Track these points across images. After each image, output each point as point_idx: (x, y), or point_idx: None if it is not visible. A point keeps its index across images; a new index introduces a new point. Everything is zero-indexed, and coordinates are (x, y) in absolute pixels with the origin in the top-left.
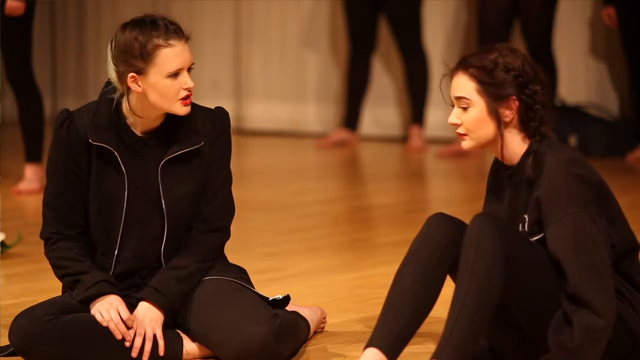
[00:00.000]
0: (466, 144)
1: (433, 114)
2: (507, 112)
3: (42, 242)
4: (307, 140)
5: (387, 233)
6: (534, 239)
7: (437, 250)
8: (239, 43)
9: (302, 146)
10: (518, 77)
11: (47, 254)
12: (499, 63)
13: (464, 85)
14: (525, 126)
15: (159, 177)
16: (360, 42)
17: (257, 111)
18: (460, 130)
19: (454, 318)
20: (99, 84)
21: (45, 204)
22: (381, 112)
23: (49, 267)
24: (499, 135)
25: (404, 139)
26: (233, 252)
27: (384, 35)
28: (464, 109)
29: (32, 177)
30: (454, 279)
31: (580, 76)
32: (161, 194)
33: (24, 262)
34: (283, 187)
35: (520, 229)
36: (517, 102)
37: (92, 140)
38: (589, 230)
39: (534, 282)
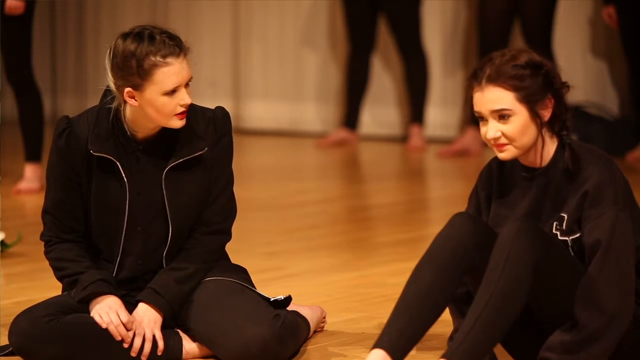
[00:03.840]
0: (508, 154)
1: (433, 114)
2: (545, 113)
3: (41, 242)
4: (306, 139)
5: (386, 232)
6: (572, 237)
7: (458, 251)
8: (237, 42)
9: (302, 146)
10: (546, 74)
11: (46, 254)
12: (527, 66)
13: (501, 97)
14: (554, 122)
15: (163, 184)
16: (359, 42)
17: (256, 110)
18: (502, 141)
19: (472, 322)
20: (98, 84)
21: (45, 211)
22: (381, 111)
23: (49, 266)
24: (540, 138)
25: (403, 139)
26: (233, 252)
27: (384, 35)
28: (503, 120)
29: (31, 176)
30: (470, 281)
31: (579, 75)
32: (165, 201)
33: (24, 261)
34: (282, 187)
35: (553, 228)
36: (552, 100)
37: (93, 151)
38: (625, 231)
39: (561, 293)
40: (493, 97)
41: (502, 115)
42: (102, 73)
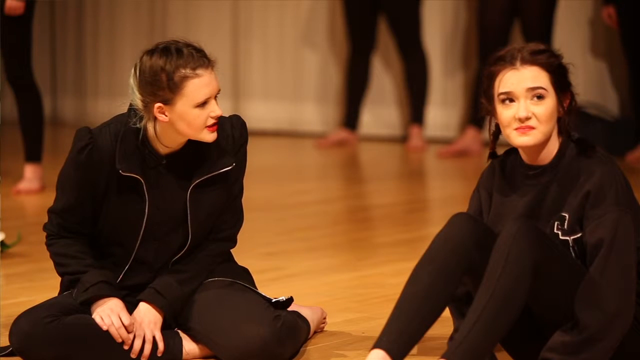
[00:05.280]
0: (532, 138)
1: (433, 114)
2: (561, 108)
3: (42, 242)
4: (306, 140)
5: (386, 233)
6: (573, 237)
7: (457, 251)
8: (237, 42)
9: (302, 146)
10: (568, 73)
11: (48, 246)
12: (558, 58)
13: (540, 75)
14: (563, 123)
15: (188, 200)
16: (359, 42)
17: (256, 111)
18: (531, 122)
19: (472, 321)
20: (97, 84)
21: (53, 211)
22: (381, 111)
23: (49, 266)
24: (554, 133)
25: (403, 139)
26: (233, 252)
27: (384, 35)
28: (536, 100)
29: (31, 176)
30: (470, 282)
31: (579, 76)
32: (189, 216)
33: (24, 262)
34: (282, 187)
35: (555, 228)
36: (569, 98)
37: (122, 171)
38: (627, 231)
39: (560, 293)
40: (532, 75)
41: (537, 95)
42: (101, 73)
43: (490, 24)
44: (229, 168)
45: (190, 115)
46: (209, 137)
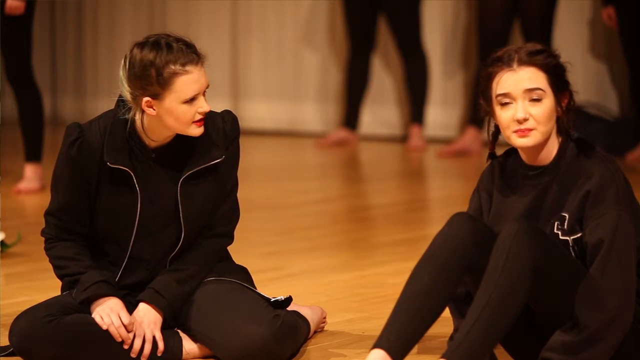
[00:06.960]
0: (531, 139)
1: (433, 114)
2: (559, 108)
3: (41, 242)
4: (306, 139)
5: (386, 232)
6: (573, 237)
7: (458, 251)
8: (236, 42)
9: (302, 146)
10: (565, 72)
11: (47, 251)
12: (555, 57)
13: (537, 76)
14: (562, 122)
15: (179, 193)
16: (359, 42)
17: (256, 110)
18: (529, 124)
19: (472, 321)
20: (97, 84)
21: (49, 213)
22: (381, 111)
23: (49, 266)
24: (553, 133)
25: (403, 139)
26: (233, 252)
27: (384, 35)
28: (533, 102)
29: (32, 176)
30: (470, 281)
31: (579, 76)
32: (180, 209)
33: (23, 261)
34: (282, 187)
35: (555, 228)
36: (567, 97)
37: (110, 163)
38: (627, 231)
39: (560, 293)
40: (529, 76)
41: (535, 97)
42: (101, 72)
43: (490, 24)
44: (219, 160)
45: (178, 110)
46: (196, 132)
